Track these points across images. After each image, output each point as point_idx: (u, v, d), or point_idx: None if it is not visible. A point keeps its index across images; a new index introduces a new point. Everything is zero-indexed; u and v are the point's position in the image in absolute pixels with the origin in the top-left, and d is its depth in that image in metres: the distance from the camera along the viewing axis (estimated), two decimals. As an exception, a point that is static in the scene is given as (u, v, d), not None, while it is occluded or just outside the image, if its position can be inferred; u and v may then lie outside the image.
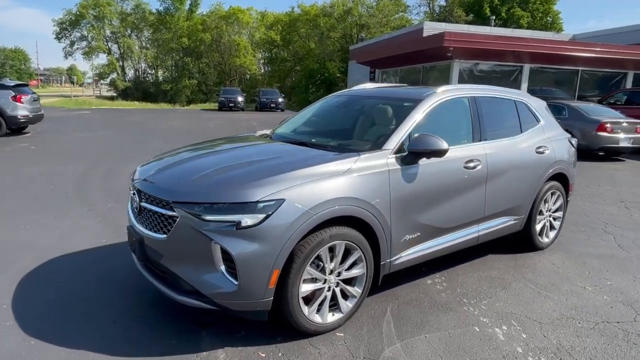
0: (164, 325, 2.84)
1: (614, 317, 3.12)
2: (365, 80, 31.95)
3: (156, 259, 2.68)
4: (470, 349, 2.67)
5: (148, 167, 3.13)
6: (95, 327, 2.79)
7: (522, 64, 16.57)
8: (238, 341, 2.69)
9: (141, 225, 2.80)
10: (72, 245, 4.13)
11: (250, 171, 2.71)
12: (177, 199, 2.52)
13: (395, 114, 3.41)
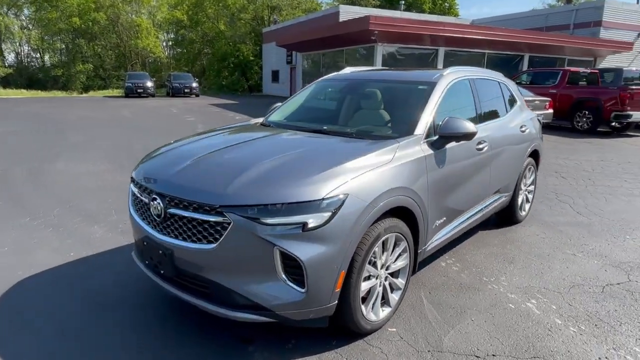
0: (206, 350, 2.49)
1: (613, 280, 3.42)
2: (282, 63, 31.54)
3: (195, 273, 2.31)
4: (517, 326, 2.74)
5: (159, 165, 2.69)
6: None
7: (437, 47, 17.53)
8: (293, 352, 2.45)
9: (167, 235, 2.39)
10: (36, 264, 3.45)
11: (301, 166, 2.42)
12: (227, 203, 2.17)
13: (411, 97, 3.33)
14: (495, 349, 2.52)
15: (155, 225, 2.47)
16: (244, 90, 37.72)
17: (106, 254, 3.72)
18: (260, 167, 2.40)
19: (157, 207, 2.40)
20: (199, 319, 2.74)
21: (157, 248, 2.42)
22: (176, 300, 2.96)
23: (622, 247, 4.08)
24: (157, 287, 3.13)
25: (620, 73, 14.62)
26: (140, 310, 2.87)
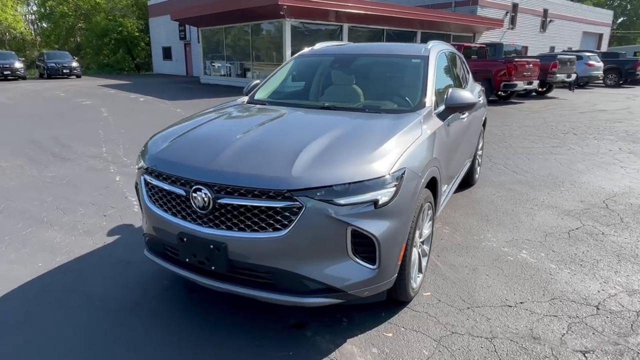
0: (266, 341, 2.36)
1: (571, 226, 3.99)
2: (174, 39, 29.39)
3: (255, 264, 2.16)
4: (524, 275, 3.08)
5: (190, 152, 2.40)
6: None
7: (342, 23, 17.87)
8: (350, 330, 2.46)
9: (217, 228, 2.18)
10: (3, 280, 2.89)
11: (353, 144, 2.35)
12: (296, 187, 2.05)
13: (409, 71, 3.42)
14: (518, 297, 2.81)
15: (197, 218, 2.23)
16: (130, 70, 34.48)
17: (82, 259, 3.25)
18: (312, 148, 2.29)
19: (202, 198, 2.17)
20: (234, 313, 2.59)
21: (204, 243, 2.19)
22: (199, 294, 2.75)
23: (563, 198, 4.75)
24: (173, 285, 2.87)
25: (501, 47, 16.49)
26: (162, 310, 2.60)
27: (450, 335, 2.42)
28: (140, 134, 8.11)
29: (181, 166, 2.31)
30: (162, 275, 3.02)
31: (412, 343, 2.35)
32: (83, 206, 4.34)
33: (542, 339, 2.38)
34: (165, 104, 12.94)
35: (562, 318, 2.58)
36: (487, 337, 2.40)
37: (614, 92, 19.06)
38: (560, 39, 31.58)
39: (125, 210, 4.23)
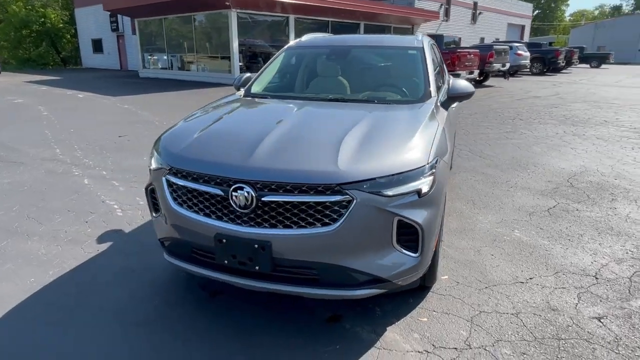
0: (305, 337, 2.34)
1: (549, 204, 4.31)
2: (105, 30, 27.57)
3: (301, 260, 2.12)
4: (524, 252, 3.29)
5: (220, 150, 2.30)
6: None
7: (288, 14, 17.71)
8: (386, 318, 2.50)
9: (259, 226, 2.11)
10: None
11: (388, 135, 2.36)
12: (345, 180, 2.03)
13: (408, 62, 3.48)
14: (526, 273, 3.00)
15: (235, 218, 2.15)
16: (55, 64, 31.87)
17: (79, 270, 3.01)
18: (349, 141, 2.28)
19: (244, 197, 2.09)
20: (263, 312, 2.54)
21: (247, 243, 2.12)
22: (221, 297, 2.66)
23: (532, 179, 5.11)
24: (190, 291, 2.75)
25: (442, 39, 17.24)
26: (188, 317, 2.48)
27: (479, 314, 2.54)
28: (94, 134, 7.58)
29: (215, 165, 2.21)
30: (175, 281, 2.88)
31: (447, 325, 2.44)
32: (58, 213, 4.00)
33: (560, 310, 2.58)
34: (109, 100, 12.14)
35: (570, 289, 2.80)
36: (512, 313, 2.56)
37: (541, 80, 20.64)
38: (489, 31, 33.54)
39: (108, 216, 3.96)
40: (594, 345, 2.28)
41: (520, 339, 2.33)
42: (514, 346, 2.27)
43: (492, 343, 2.29)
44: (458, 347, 2.27)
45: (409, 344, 2.28)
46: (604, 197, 4.51)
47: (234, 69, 16.27)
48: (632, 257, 3.23)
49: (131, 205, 4.20)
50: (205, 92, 14.09)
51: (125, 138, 7.24)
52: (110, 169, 5.45)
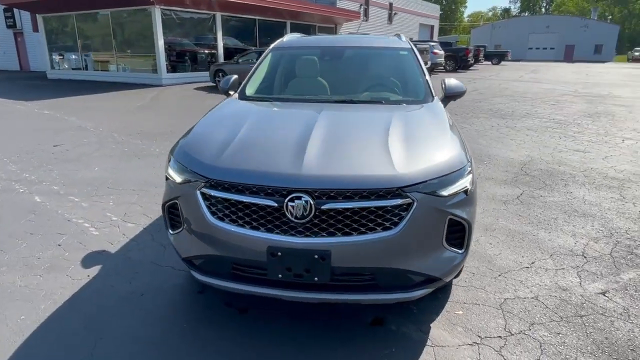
0: (358, 344, 2.30)
1: (516, 193, 4.68)
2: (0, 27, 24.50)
3: (361, 266, 2.09)
4: (517, 240, 3.55)
5: (264, 160, 2.16)
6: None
7: (215, 12, 17.12)
8: (425, 315, 2.55)
9: (317, 236, 2.03)
10: None
11: (428, 137, 2.41)
12: (405, 183, 2.03)
13: (404, 63, 3.55)
14: (527, 259, 3.24)
15: (289, 229, 2.05)
16: None
17: (77, 300, 2.66)
18: (394, 144, 2.29)
19: (302, 206, 2.00)
20: (301, 325, 2.47)
21: (305, 254, 2.03)
22: (252, 312, 2.53)
23: (491, 170, 5.50)
24: (214, 310, 2.58)
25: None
26: (226, 339, 2.32)
27: (505, 301, 2.70)
28: (22, 145, 6.72)
29: (267, 175, 2.08)
30: (195, 302, 2.68)
31: (482, 315, 2.56)
32: (19, 238, 3.50)
33: (569, 289, 2.82)
34: (24, 106, 10.82)
35: (569, 270, 3.08)
36: (532, 297, 2.74)
37: (457, 77, 22.20)
38: (404, 30, 35.32)
39: (82, 236, 3.55)
40: (610, 318, 2.53)
41: (549, 320, 2.51)
42: (547, 328, 2.44)
43: (528, 327, 2.45)
44: (501, 335, 2.39)
45: (457, 338, 2.35)
46: (557, 183, 5.00)
47: (161, 69, 15.37)
48: (604, 235, 3.63)
49: (104, 223, 3.81)
50: (131, 94, 13.14)
51: (62, 148, 6.52)
52: (60, 183, 4.87)
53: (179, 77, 16.21)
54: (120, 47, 16.85)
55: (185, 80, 16.30)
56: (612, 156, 6.25)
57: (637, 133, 7.93)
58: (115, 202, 4.31)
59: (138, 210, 4.10)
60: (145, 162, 5.75)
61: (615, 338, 2.36)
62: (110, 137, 7.27)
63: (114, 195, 4.48)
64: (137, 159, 5.92)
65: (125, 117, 9.22)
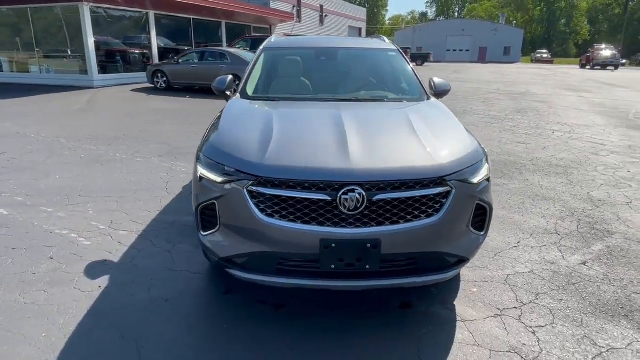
0: (395, 329, 2.45)
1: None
2: None
3: (406, 252, 2.24)
4: (498, 224, 3.92)
5: (312, 156, 2.25)
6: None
7: (148, 10, 16.34)
8: (446, 295, 2.77)
9: (368, 225, 2.16)
10: None
11: (448, 130, 2.64)
12: (446, 172, 2.23)
13: (395, 63, 3.76)
14: (512, 239, 3.60)
15: (340, 221, 2.15)
16: None
17: (98, 313, 2.54)
18: (426, 137, 2.50)
19: (355, 198, 2.11)
20: (331, 315, 2.58)
21: (357, 244, 2.15)
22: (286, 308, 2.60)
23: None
24: (247, 309, 2.61)
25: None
26: (267, 335, 2.37)
27: (508, 277, 3.01)
28: (-46, 154, 6.02)
29: (319, 170, 2.16)
30: (225, 302, 2.68)
31: (494, 290, 2.83)
32: (1, 254, 3.21)
33: (556, 262, 3.21)
34: None
35: (550, 246, 3.48)
36: (528, 271, 3.08)
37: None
38: (334, 32, 36.16)
39: (74, 247, 3.34)
40: (596, 284, 2.93)
41: (550, 289, 2.85)
42: (550, 296, 2.77)
43: (535, 297, 2.76)
44: (516, 306, 2.67)
45: (482, 312, 2.60)
46: (514, 172, 5.54)
47: (92, 70, 14.36)
48: (568, 215, 4.13)
49: (92, 232, 3.60)
50: (62, 97, 12.16)
51: (7, 156, 5.95)
52: (23, 193, 4.48)
53: (112, 78, 15.27)
54: (43, 46, 15.48)
55: (119, 81, 15.39)
56: (549, 146, 7.01)
57: (562, 126, 8.94)
58: (95, 210, 4.07)
59: (124, 217, 3.92)
60: (109, 168, 5.45)
61: (606, 299, 2.75)
62: (57, 143, 6.75)
63: (90, 204, 4.22)
64: (100, 165, 5.58)
65: (65, 122, 8.57)
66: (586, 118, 10.04)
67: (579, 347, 2.31)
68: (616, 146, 7.13)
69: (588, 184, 5.05)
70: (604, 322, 2.51)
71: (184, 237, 3.53)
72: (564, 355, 2.23)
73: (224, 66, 12.96)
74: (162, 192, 4.59)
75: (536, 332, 2.42)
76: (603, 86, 19.32)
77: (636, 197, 4.65)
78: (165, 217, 3.94)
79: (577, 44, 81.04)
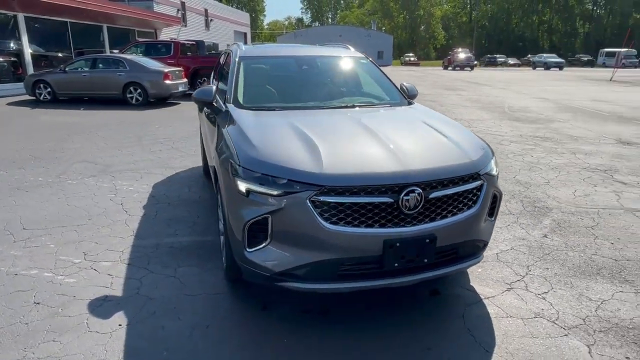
0: (435, 315, 2.66)
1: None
2: None
3: (453, 243, 2.47)
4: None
5: (361, 162, 2.35)
6: None
7: (15, 12, 14.22)
8: (460, 280, 3.07)
9: (424, 222, 2.33)
10: None
11: (455, 131, 2.91)
12: (480, 168, 2.53)
13: (371, 70, 3.96)
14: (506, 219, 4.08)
15: (399, 221, 2.29)
16: None
17: (135, 340, 2.30)
18: (447, 137, 2.75)
19: (415, 198, 2.27)
20: (368, 313, 2.73)
21: (417, 241, 2.30)
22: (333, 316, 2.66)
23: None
24: (294, 315, 2.61)
25: (203, 44, 17.53)
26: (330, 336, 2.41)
27: (497, 255, 3.43)
28: None
29: (379, 175, 2.26)
30: (266, 319, 2.62)
31: (493, 269, 3.22)
32: None
33: (525, 238, 3.74)
34: None
35: (512, 225, 4.04)
36: (510, 248, 3.56)
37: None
38: (220, 37, 35.41)
39: (55, 287, 2.91)
40: (564, 251, 3.51)
41: (534, 261, 3.34)
42: (538, 267, 3.25)
43: (528, 269, 3.22)
44: (518, 279, 3.09)
45: (496, 289, 2.95)
46: (448, 164, 6.17)
47: (-52, 82, 12.05)
48: (510, 197, 4.79)
49: (69, 268, 3.17)
50: None
51: None
52: (-55, 234, 3.70)
53: (-26, 91, 13.00)
54: None
55: (-17, 95, 13.17)
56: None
57: (461, 121, 10.12)
58: (55, 243, 3.56)
59: (96, 247, 3.51)
60: (40, 194, 4.75)
61: (577, 263, 3.31)
62: (-52, 171, 5.63)
63: (45, 237, 3.68)
64: (25, 192, 4.83)
65: (-59, 146, 7.15)
66: (474, 113, 11.49)
67: (581, 303, 2.78)
68: (511, 136, 8.36)
69: (510, 170, 5.89)
70: (587, 281, 3.05)
71: (179, 259, 3.31)
72: (576, 312, 2.68)
73: (121, 74, 11.99)
74: (123, 215, 4.19)
75: (545, 298, 2.84)
76: (471, 85, 22.17)
77: (550, 177, 5.56)
78: (145, 242, 3.62)
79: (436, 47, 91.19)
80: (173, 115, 10.83)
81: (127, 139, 7.82)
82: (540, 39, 73.49)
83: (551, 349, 2.34)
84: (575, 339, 2.42)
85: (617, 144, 7.60)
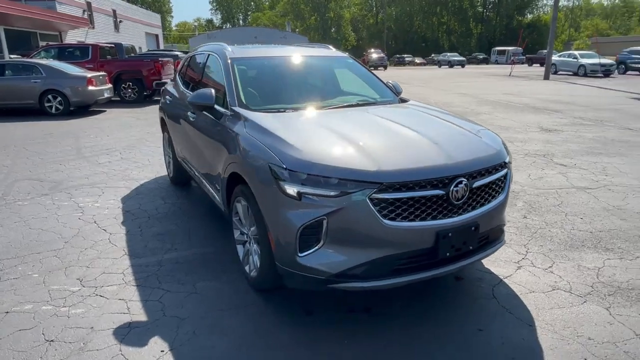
0: (463, 304, 2.81)
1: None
2: None
3: (488, 229, 2.61)
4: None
5: (409, 158, 2.41)
6: (489, 345, 2.36)
7: None
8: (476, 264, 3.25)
9: (468, 211, 2.45)
10: None
11: (466, 125, 3.06)
12: (506, 157, 2.74)
13: (359, 70, 4.01)
14: (467, 210, 4.36)
15: (448, 212, 2.39)
16: None
17: None
18: (467, 130, 2.90)
19: (463, 189, 2.38)
20: (408, 304, 2.83)
21: (465, 229, 2.42)
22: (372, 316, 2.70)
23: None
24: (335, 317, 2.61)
25: (122, 47, 16.37)
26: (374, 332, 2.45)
27: (495, 238, 3.69)
28: None
29: (431, 169, 2.33)
30: (314, 324, 2.57)
31: (500, 252, 3.44)
32: None
33: (511, 221, 4.07)
34: None
35: (494, 209, 4.36)
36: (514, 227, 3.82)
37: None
38: (131, 39, 33.24)
39: (63, 320, 2.58)
40: (547, 229, 3.88)
41: (528, 240, 3.65)
42: (534, 244, 3.56)
43: (526, 247, 3.51)
44: (522, 257, 3.36)
45: (509, 269, 3.18)
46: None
47: None
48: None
49: (70, 298, 2.82)
50: None
51: None
52: None
53: None
54: None
55: None
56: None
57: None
58: (38, 272, 3.14)
59: (88, 271, 3.16)
60: (9, 220, 4.14)
61: (561, 238, 3.68)
62: None
63: (21, 267, 3.22)
64: (-32, 219, 4.18)
65: None
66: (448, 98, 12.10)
67: (582, 272, 3.10)
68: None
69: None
70: (578, 253, 3.41)
71: (191, 274, 3.11)
72: (582, 281, 2.99)
73: (37, 81, 10.81)
74: (103, 234, 3.81)
75: (553, 272, 3.13)
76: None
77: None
78: (143, 260, 3.34)
79: (347, 48, 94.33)
80: (105, 123, 9.99)
81: (65, 152, 7.07)
82: (440, 39, 79.20)
83: (580, 316, 2.60)
84: (594, 304, 2.71)
85: (542, 132, 8.50)
